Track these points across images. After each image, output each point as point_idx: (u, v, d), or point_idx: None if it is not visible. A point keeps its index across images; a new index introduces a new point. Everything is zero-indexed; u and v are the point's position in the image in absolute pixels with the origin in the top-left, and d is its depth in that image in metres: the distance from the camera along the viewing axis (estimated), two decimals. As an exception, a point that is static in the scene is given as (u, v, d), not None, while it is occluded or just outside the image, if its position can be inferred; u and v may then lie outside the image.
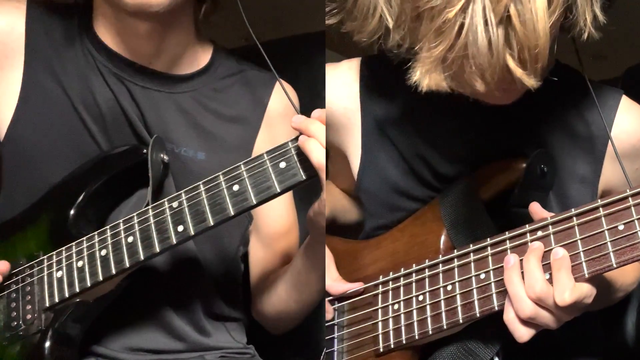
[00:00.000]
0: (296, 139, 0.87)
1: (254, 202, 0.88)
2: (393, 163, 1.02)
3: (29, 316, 0.96)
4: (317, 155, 0.86)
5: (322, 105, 0.99)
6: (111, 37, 1.02)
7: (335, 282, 1.02)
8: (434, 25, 0.74)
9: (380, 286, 0.98)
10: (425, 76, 0.78)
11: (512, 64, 0.74)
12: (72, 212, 0.98)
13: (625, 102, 0.97)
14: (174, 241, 0.91)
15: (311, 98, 1.09)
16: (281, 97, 1.04)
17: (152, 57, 1.02)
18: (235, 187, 0.89)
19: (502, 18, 0.72)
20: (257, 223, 1.09)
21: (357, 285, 1.01)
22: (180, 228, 0.90)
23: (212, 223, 0.89)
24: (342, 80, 1.05)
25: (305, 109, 0.95)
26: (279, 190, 0.88)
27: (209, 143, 1.04)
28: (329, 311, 1.02)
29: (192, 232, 0.90)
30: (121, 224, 0.93)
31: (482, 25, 0.72)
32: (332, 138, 1.08)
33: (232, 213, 0.89)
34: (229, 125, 1.06)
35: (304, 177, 0.88)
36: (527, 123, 0.97)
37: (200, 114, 1.05)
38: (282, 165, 0.88)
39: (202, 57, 1.08)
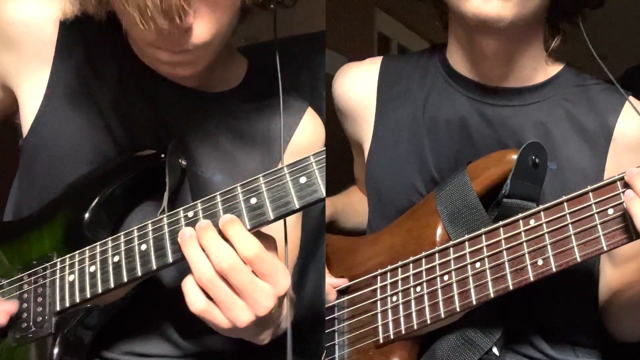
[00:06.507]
0: (318, 153, 0.83)
1: (272, 217, 0.84)
2: (398, 155, 1.04)
3: (39, 318, 0.94)
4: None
5: (322, 105, 0.97)
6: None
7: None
8: None
9: (378, 279, 0.99)
10: None
11: None
12: (87, 214, 0.95)
13: (631, 100, 0.96)
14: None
15: (312, 98, 1.06)
16: (309, 130, 0.99)
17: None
18: (253, 200, 0.84)
19: None
20: None
21: (343, 282, 1.02)
22: (194, 239, 0.87)
23: None
24: (364, 73, 1.11)
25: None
26: (297, 206, 0.83)
27: (228, 166, 1.01)
28: (331, 292, 1.03)
29: (207, 245, 0.86)
30: (135, 231, 0.90)
31: None
32: (350, 129, 1.14)
33: (249, 227, 0.84)
34: (251, 149, 1.02)
35: (324, 195, 0.83)
36: (530, 119, 0.98)
37: (224, 134, 1.01)
38: (303, 180, 0.83)
39: (236, 75, 1.05)
